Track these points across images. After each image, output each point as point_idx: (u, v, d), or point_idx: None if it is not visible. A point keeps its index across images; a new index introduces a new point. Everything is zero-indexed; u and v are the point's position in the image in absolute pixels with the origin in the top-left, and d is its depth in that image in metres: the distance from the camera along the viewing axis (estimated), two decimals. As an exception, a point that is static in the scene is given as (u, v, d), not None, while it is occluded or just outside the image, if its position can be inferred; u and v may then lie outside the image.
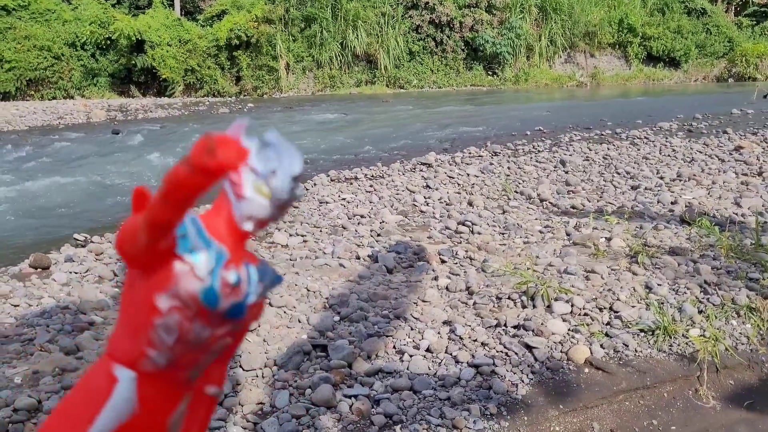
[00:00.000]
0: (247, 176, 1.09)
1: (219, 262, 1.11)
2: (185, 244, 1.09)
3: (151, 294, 1.10)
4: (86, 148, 13.76)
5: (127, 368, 1.13)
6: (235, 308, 1.13)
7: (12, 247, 6.93)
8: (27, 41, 25.14)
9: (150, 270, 1.11)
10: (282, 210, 1.13)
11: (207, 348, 1.16)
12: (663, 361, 3.91)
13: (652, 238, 5.81)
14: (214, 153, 0.82)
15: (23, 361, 4.00)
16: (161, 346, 1.11)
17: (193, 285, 1.09)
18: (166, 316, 1.10)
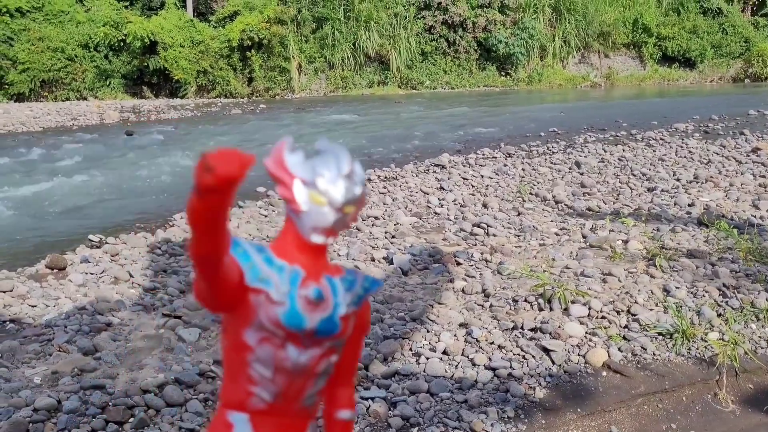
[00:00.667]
0: (299, 189, 1.09)
1: (294, 282, 1.10)
2: (255, 274, 1.08)
3: (239, 332, 1.11)
4: (99, 149, 13.86)
5: (238, 412, 1.13)
6: (325, 323, 1.12)
7: (28, 247, 6.99)
8: (41, 42, 25.33)
9: (232, 310, 1.10)
10: (347, 213, 1.12)
11: (311, 372, 1.13)
12: (682, 365, 3.89)
13: (669, 241, 5.78)
14: (212, 169, 0.82)
15: (42, 362, 4.05)
16: (262, 381, 1.11)
17: (272, 311, 1.08)
18: (257, 350, 1.09)
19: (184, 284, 5.33)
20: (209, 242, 0.95)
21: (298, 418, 1.16)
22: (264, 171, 1.13)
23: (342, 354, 1.21)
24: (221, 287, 1.05)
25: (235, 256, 1.07)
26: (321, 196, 1.09)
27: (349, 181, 1.11)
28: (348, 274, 1.19)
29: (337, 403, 1.24)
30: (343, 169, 1.11)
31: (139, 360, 4.00)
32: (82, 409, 3.40)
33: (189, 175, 4.38)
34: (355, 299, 1.18)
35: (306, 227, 1.11)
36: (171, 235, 6.93)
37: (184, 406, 3.46)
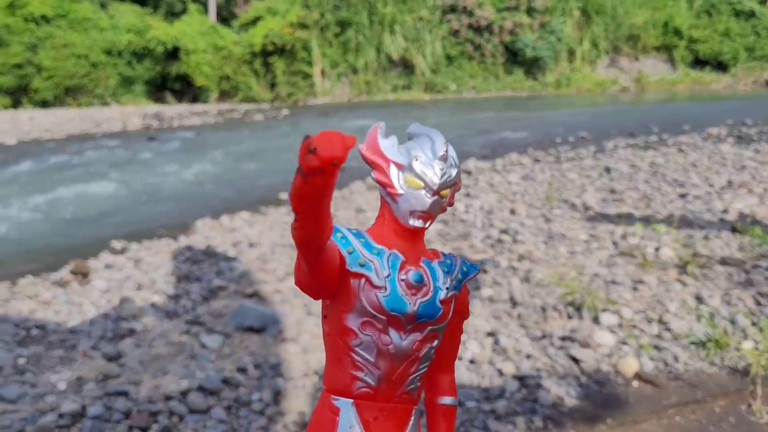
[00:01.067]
0: (394, 173, 1.11)
1: (394, 267, 1.11)
2: (355, 259, 1.10)
3: (341, 318, 1.12)
4: (122, 155, 14.02)
5: (343, 397, 1.14)
6: (426, 307, 1.12)
7: (52, 254, 7.06)
8: (65, 49, 25.79)
9: (333, 296, 1.12)
10: (443, 196, 1.12)
11: (413, 356, 1.14)
12: (715, 375, 3.78)
13: (702, 248, 5.64)
14: (315, 151, 0.82)
15: (67, 367, 4.06)
16: (365, 366, 1.12)
17: (374, 296, 1.09)
18: (360, 335, 1.11)
19: (207, 291, 5.33)
20: (313, 226, 0.95)
21: (401, 403, 1.16)
22: (286, 178, 1.11)
23: (442, 339, 1.20)
24: (323, 273, 1.06)
25: (335, 242, 1.09)
26: (417, 179, 1.10)
27: (445, 164, 1.11)
28: (446, 258, 1.20)
29: (438, 390, 1.24)
30: (438, 151, 1.11)
31: (162, 366, 3.99)
32: (106, 414, 3.40)
33: (211, 181, 4.38)
34: (455, 283, 1.18)
35: (403, 211, 1.11)
36: (193, 241, 6.95)
37: (208, 413, 3.44)
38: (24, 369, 4.01)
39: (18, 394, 3.64)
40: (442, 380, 1.26)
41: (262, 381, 3.78)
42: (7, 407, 3.52)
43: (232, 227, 7.51)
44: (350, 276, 1.09)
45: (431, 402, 1.25)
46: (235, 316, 4.60)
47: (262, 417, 3.43)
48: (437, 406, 1.25)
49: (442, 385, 1.26)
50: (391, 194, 1.11)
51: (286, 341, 4.29)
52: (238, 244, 6.70)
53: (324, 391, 1.17)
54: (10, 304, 5.19)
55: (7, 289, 5.57)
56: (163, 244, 6.92)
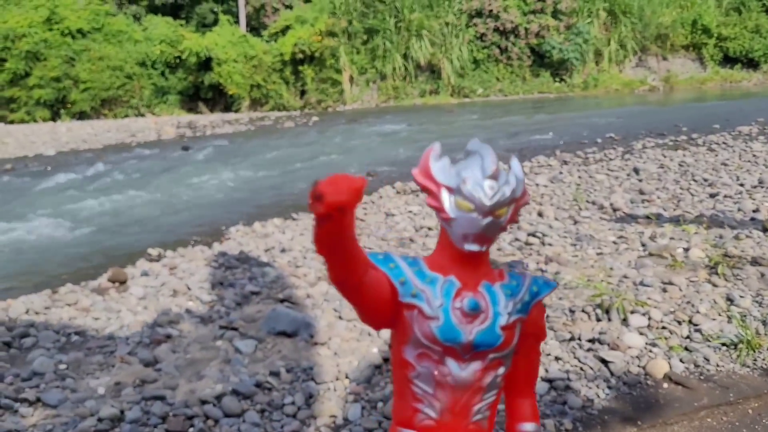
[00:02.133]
0: (445, 197, 1.07)
1: (448, 295, 1.07)
2: (407, 290, 1.06)
3: (399, 350, 1.10)
4: (158, 164, 14.29)
5: (407, 429, 1.11)
6: (484, 335, 1.08)
7: (90, 262, 7.26)
8: (101, 62, 26.42)
9: (391, 326, 1.10)
10: (499, 216, 1.06)
11: (475, 386, 1.09)
12: (747, 377, 3.75)
13: (732, 248, 5.59)
14: (321, 198, 0.82)
15: (105, 373, 4.19)
16: (425, 398, 1.08)
17: (426, 326, 1.06)
18: (417, 367, 1.07)
19: (240, 297, 5.44)
20: (340, 267, 0.94)
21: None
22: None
23: (516, 364, 1.16)
24: (370, 307, 1.04)
25: (387, 273, 1.06)
26: (467, 202, 1.06)
27: (497, 182, 1.06)
28: (512, 280, 1.14)
29: (518, 416, 1.20)
30: (487, 170, 1.06)
31: (197, 371, 4.09)
32: (143, 419, 3.51)
33: (243, 188, 4.50)
34: (520, 306, 1.12)
35: (457, 235, 1.07)
36: (227, 248, 7.09)
37: (242, 417, 3.53)
38: (65, 375, 4.15)
39: (59, 399, 3.77)
40: (521, 405, 1.20)
41: (294, 385, 3.87)
42: (49, 412, 3.65)
43: (265, 233, 7.63)
44: (403, 307, 1.06)
45: (511, 428, 1.21)
46: (267, 320, 4.70)
47: (295, 420, 3.51)
48: None
49: (521, 410, 1.20)
50: (445, 219, 1.07)
51: (317, 345, 4.37)
52: (270, 250, 6.81)
53: (392, 422, 1.14)
54: (51, 312, 5.36)
55: (47, 297, 5.75)
56: (198, 251, 7.07)
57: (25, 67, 25.95)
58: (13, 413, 3.62)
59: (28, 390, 3.88)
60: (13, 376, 4.10)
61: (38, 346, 4.64)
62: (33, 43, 25.87)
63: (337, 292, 0.97)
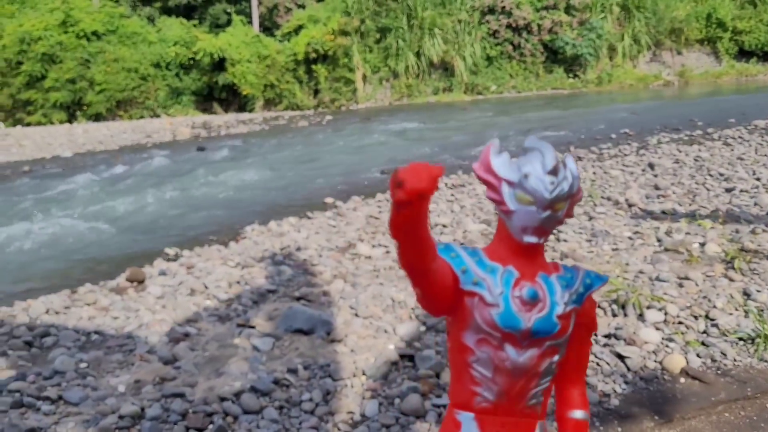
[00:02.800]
0: (505, 190, 1.12)
1: (508, 284, 1.13)
2: (468, 278, 1.12)
3: (459, 335, 1.16)
4: (173, 165, 14.40)
5: (464, 411, 1.17)
6: (542, 323, 1.14)
7: (108, 261, 7.34)
8: (116, 64, 26.63)
9: (451, 313, 1.16)
10: (557, 210, 1.12)
11: (532, 372, 1.15)
12: (764, 371, 3.74)
13: (749, 243, 5.56)
14: (402, 184, 0.86)
15: (125, 371, 4.25)
16: (483, 382, 1.14)
17: (487, 313, 1.12)
18: (477, 352, 1.13)
19: (257, 295, 5.49)
20: (412, 252, 0.99)
21: (524, 418, 1.17)
22: (331, 182, 1.16)
23: (567, 353, 1.21)
24: (434, 292, 1.09)
25: (449, 261, 1.11)
26: (527, 195, 1.11)
27: (556, 178, 1.11)
28: (566, 272, 1.22)
29: (568, 404, 1.25)
30: (548, 165, 1.11)
31: (216, 368, 4.14)
32: (164, 416, 3.56)
33: (258, 187, 4.55)
34: (575, 297, 1.19)
35: (516, 228, 1.13)
36: (243, 247, 7.14)
37: (261, 414, 3.57)
38: (85, 373, 4.22)
39: (80, 397, 3.82)
40: (571, 393, 1.25)
41: (311, 382, 3.90)
42: (71, 410, 3.71)
43: (280, 232, 7.68)
44: (465, 294, 1.12)
45: (561, 416, 1.25)
46: (284, 318, 4.74)
47: (313, 417, 3.54)
48: (567, 420, 1.24)
49: (571, 398, 1.25)
50: (504, 211, 1.13)
51: (334, 342, 4.41)
52: (285, 249, 6.86)
53: (449, 404, 1.20)
54: (71, 311, 5.43)
55: (67, 297, 5.83)
56: (214, 250, 7.13)
57: (41, 70, 26.22)
58: (35, 411, 3.68)
59: (50, 388, 3.94)
60: (35, 374, 4.16)
61: (59, 345, 4.72)
62: (49, 45, 26.13)
63: (406, 276, 1.04)
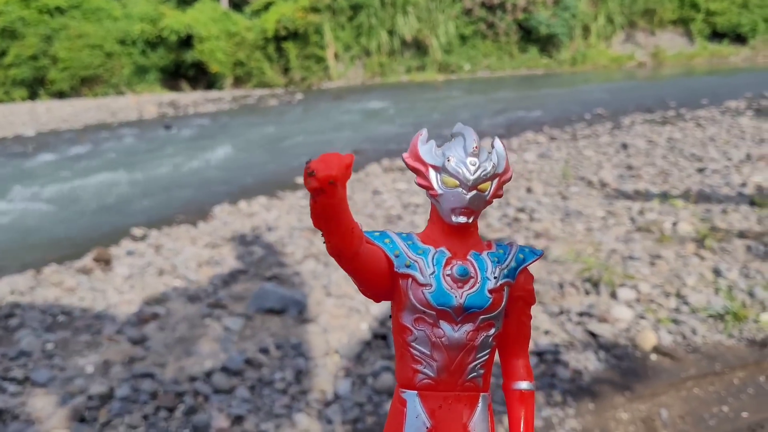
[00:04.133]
0: (432, 175, 1.17)
1: (439, 264, 1.18)
2: (401, 261, 1.17)
3: (398, 316, 1.20)
4: (139, 144, 14.15)
5: (408, 389, 1.21)
6: (473, 298, 1.18)
7: (73, 242, 7.19)
8: (79, 40, 25.99)
9: (389, 297, 1.21)
10: (482, 191, 1.17)
11: (468, 346, 1.20)
12: (733, 347, 3.78)
13: (720, 222, 5.61)
14: (314, 173, 0.91)
15: (93, 351, 4.16)
16: (423, 359, 1.19)
17: (420, 293, 1.16)
18: (415, 331, 1.18)
19: (227, 275, 5.41)
20: (336, 239, 1.04)
21: (465, 391, 1.23)
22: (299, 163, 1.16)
23: (507, 326, 1.26)
24: (366, 278, 1.15)
25: (383, 247, 1.17)
26: (452, 178, 1.16)
27: (478, 159, 1.16)
28: (498, 249, 1.25)
29: (513, 376, 1.30)
30: (468, 148, 1.16)
31: (186, 349, 4.07)
32: (133, 396, 3.49)
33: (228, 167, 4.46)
34: (507, 272, 1.23)
35: (445, 210, 1.18)
36: (212, 227, 7.03)
37: (232, 393, 3.52)
38: (52, 354, 4.12)
39: (48, 377, 3.74)
40: (515, 365, 1.30)
41: (284, 361, 3.85)
42: (39, 390, 3.62)
43: (250, 212, 7.58)
44: (399, 277, 1.17)
45: (507, 388, 1.29)
46: (255, 298, 4.68)
47: (285, 396, 3.50)
48: (512, 392, 1.29)
49: (515, 370, 1.30)
50: (433, 195, 1.18)
51: (306, 322, 4.36)
52: (256, 229, 6.77)
53: (396, 385, 1.25)
54: (36, 292, 5.30)
55: (32, 277, 5.69)
56: (183, 230, 7.01)
57: (1, 46, 25.49)
58: (1, 392, 3.58)
59: (16, 369, 3.85)
60: (1, 355, 4.06)
61: (25, 326, 4.60)
62: (9, 20, 25.38)
63: (337, 264, 1.09)
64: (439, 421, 1.20)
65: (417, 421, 1.19)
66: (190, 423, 3.28)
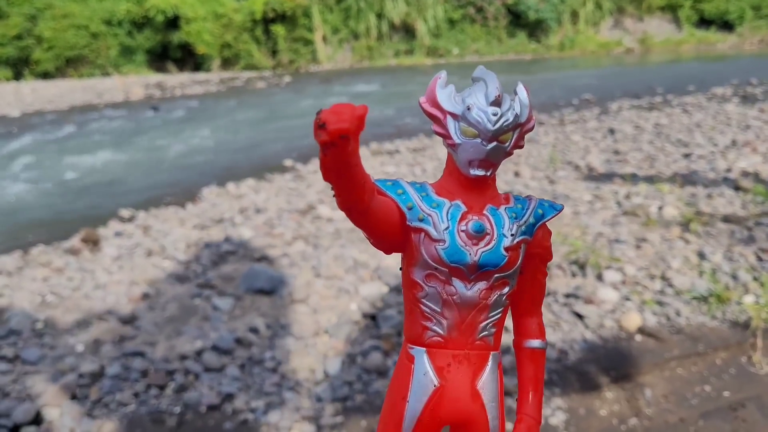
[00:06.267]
0: (451, 124, 1.10)
1: (454, 218, 1.11)
2: (414, 214, 1.11)
3: (408, 271, 1.14)
4: (126, 125, 14.04)
5: (417, 346, 1.17)
6: (488, 256, 1.12)
7: (61, 223, 7.16)
8: (64, 20, 25.62)
9: (401, 250, 1.14)
10: (503, 142, 1.10)
11: (481, 305, 1.15)
12: (716, 329, 3.86)
13: (705, 206, 5.69)
14: (325, 125, 0.84)
15: (83, 330, 4.17)
16: (433, 316, 1.14)
17: (433, 249, 1.10)
18: (425, 287, 1.13)
19: (216, 256, 5.41)
20: (347, 193, 0.98)
21: (475, 350, 1.18)
22: (291, 144, 1.15)
23: (522, 284, 1.21)
24: (378, 231, 1.09)
25: (396, 199, 1.11)
26: (471, 128, 1.08)
27: (500, 109, 1.09)
28: (517, 203, 1.19)
29: (525, 333, 1.26)
30: (490, 96, 1.08)
31: (176, 328, 4.09)
32: (124, 374, 3.51)
33: (215, 149, 4.45)
34: (525, 228, 1.17)
35: (462, 161, 1.11)
36: (201, 209, 7.03)
37: (222, 371, 3.55)
38: (42, 333, 4.12)
39: (38, 356, 3.75)
40: (527, 323, 1.26)
41: (273, 340, 3.88)
42: (29, 368, 3.63)
43: (239, 194, 7.57)
44: (411, 231, 1.11)
45: (518, 345, 1.26)
46: (245, 279, 4.69)
47: (275, 374, 3.53)
48: (524, 350, 1.26)
49: (528, 328, 1.26)
50: (450, 145, 1.10)
51: (295, 302, 4.39)
52: (245, 211, 6.77)
53: (404, 340, 1.21)
54: (25, 272, 5.29)
55: (20, 258, 5.67)
56: (171, 211, 7.00)
57: (-16, 25, 25.16)
58: (-10, 371, 3.59)
59: (6, 347, 3.85)
60: (-12, 335, 4.06)
61: (13, 306, 4.59)
62: (-7, -1, 25.05)
63: (347, 217, 1.02)
64: (447, 379, 1.17)
65: (425, 378, 1.16)
66: (180, 400, 3.31)
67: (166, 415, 3.22)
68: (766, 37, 30.23)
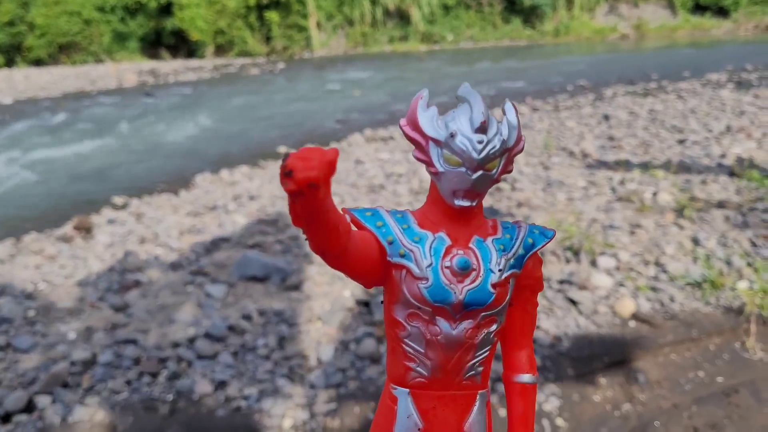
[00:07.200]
0: (433, 151, 1.00)
1: (437, 254, 1.03)
2: (395, 250, 1.03)
3: (390, 309, 1.07)
4: (120, 112, 13.95)
5: (400, 386, 1.10)
6: (474, 294, 1.04)
7: (53, 210, 7.12)
8: (57, 6, 25.40)
9: (384, 284, 1.07)
10: (488, 169, 1.00)
11: (467, 344, 1.07)
12: (710, 314, 3.86)
13: (699, 192, 5.68)
14: (291, 174, 0.76)
15: (75, 318, 4.14)
16: (416, 357, 1.07)
17: (415, 287, 1.02)
18: (408, 327, 1.05)
19: (209, 243, 5.39)
20: (320, 238, 0.90)
21: (461, 390, 1.11)
22: (285, 131, 1.09)
23: (511, 316, 1.13)
24: (357, 271, 1.01)
25: (375, 232, 1.02)
26: (455, 157, 0.99)
27: (485, 135, 0.99)
28: (506, 232, 1.09)
29: (515, 368, 1.17)
30: (475, 122, 0.98)
31: (169, 315, 4.07)
32: (116, 361, 3.49)
33: (209, 136, 4.42)
34: (513, 261, 1.07)
35: (446, 190, 1.01)
36: (194, 196, 6.99)
37: (215, 359, 3.53)
38: (34, 320, 4.10)
39: (30, 344, 3.73)
40: (517, 356, 1.17)
41: (266, 327, 3.87)
42: (21, 356, 3.61)
43: (232, 181, 7.53)
44: (392, 267, 1.03)
45: (508, 379, 1.18)
46: (238, 266, 4.67)
47: (268, 361, 3.52)
48: (513, 385, 1.17)
49: (518, 361, 1.17)
50: (433, 173, 1.02)
51: (289, 289, 4.37)
52: (238, 198, 6.74)
53: (387, 379, 1.14)
54: (17, 260, 5.26)
55: (12, 245, 5.64)
56: (164, 198, 6.96)
57: (-23, 11, 24.91)
58: (-19, 359, 3.57)
59: (-4, 336, 3.83)
60: (-20, 323, 4.03)
61: (5, 294, 4.56)
62: (-16, -15, 24.78)
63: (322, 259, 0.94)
64: (432, 422, 1.10)
65: (408, 421, 1.09)
66: (173, 388, 3.30)
67: (159, 402, 3.21)
68: (761, 23, 30.18)
